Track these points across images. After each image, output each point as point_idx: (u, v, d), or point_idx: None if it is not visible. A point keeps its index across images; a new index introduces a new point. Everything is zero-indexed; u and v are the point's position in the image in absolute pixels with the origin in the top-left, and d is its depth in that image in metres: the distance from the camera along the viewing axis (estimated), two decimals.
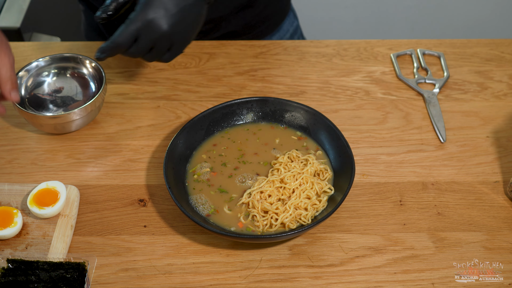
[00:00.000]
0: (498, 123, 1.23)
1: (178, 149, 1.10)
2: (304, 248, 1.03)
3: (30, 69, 1.22)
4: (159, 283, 0.99)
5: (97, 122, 1.23)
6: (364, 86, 1.29)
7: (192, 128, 1.13)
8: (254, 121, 1.18)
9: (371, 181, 1.13)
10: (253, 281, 0.99)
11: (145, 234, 1.05)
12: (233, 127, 1.17)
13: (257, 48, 1.37)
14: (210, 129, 1.15)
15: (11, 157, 1.17)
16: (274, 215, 1.03)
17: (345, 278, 1.00)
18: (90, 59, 1.23)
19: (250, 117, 1.17)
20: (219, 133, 1.16)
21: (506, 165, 1.15)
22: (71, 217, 1.05)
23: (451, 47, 1.38)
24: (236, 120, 1.17)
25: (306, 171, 1.07)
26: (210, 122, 1.15)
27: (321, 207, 1.05)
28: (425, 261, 1.02)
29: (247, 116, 1.17)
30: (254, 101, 1.16)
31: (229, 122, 1.17)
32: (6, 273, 0.96)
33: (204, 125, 1.14)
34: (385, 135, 1.21)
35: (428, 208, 1.09)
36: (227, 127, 1.17)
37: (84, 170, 1.15)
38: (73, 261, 0.96)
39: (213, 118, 1.15)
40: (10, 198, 1.08)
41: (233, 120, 1.17)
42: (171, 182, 1.04)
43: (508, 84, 1.31)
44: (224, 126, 1.17)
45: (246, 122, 1.18)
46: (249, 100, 1.16)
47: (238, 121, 1.17)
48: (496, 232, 1.06)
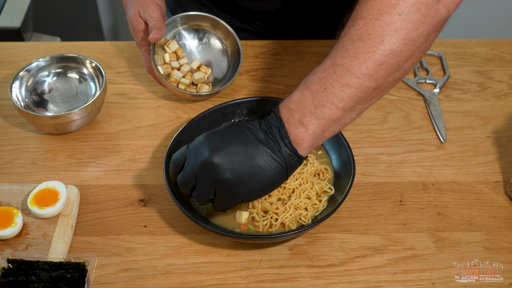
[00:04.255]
0: (498, 123, 1.23)
1: (178, 149, 1.10)
2: (304, 248, 1.03)
3: (30, 69, 1.22)
4: (160, 283, 0.99)
5: (97, 122, 1.23)
6: None
7: (192, 128, 1.13)
8: None
9: (371, 181, 1.13)
10: (253, 281, 0.99)
11: (145, 234, 1.05)
12: None
13: (257, 48, 1.37)
14: (210, 129, 1.15)
15: (11, 157, 1.17)
16: (274, 215, 1.03)
17: (345, 278, 1.00)
18: (90, 59, 1.23)
19: (250, 117, 1.17)
20: None
21: (506, 165, 1.15)
22: (72, 217, 1.05)
23: (452, 47, 1.38)
24: (236, 120, 1.17)
25: (306, 171, 1.07)
26: (210, 122, 1.15)
27: (321, 207, 1.05)
28: (425, 261, 1.02)
29: (247, 116, 1.17)
30: (254, 101, 1.16)
31: (229, 122, 1.17)
32: (7, 273, 0.96)
33: (204, 125, 1.14)
34: (385, 135, 1.20)
35: (429, 208, 1.09)
36: None
37: (84, 170, 1.15)
38: (73, 261, 0.96)
39: (213, 118, 1.15)
40: (10, 198, 1.08)
41: (233, 120, 1.17)
42: (171, 182, 1.04)
43: (508, 84, 1.31)
44: None
45: None
46: (249, 100, 1.16)
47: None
48: (496, 232, 1.06)
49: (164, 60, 1.23)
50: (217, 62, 1.28)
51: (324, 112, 0.90)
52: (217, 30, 1.27)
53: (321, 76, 0.91)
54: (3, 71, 1.32)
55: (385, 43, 0.87)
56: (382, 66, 0.88)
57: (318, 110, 0.90)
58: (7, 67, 1.33)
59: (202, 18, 1.26)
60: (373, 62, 0.88)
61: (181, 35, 1.27)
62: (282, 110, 0.93)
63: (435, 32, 0.90)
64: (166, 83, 1.19)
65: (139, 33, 1.20)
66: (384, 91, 0.92)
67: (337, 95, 0.89)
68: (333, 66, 0.90)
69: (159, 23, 1.17)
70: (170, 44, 1.23)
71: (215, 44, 1.28)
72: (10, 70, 1.32)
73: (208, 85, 1.24)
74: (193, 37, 1.28)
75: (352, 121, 0.94)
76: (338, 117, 0.91)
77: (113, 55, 1.36)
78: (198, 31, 1.28)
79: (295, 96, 0.92)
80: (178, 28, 1.26)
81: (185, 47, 1.27)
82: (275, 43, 1.38)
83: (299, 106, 0.91)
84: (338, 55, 0.90)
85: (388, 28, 0.87)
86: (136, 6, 1.19)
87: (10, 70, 1.32)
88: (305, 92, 0.92)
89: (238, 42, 1.25)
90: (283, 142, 0.92)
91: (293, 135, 0.92)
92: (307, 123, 0.91)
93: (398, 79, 0.92)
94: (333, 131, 0.93)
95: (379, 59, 0.87)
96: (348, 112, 0.91)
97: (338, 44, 0.91)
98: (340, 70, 0.89)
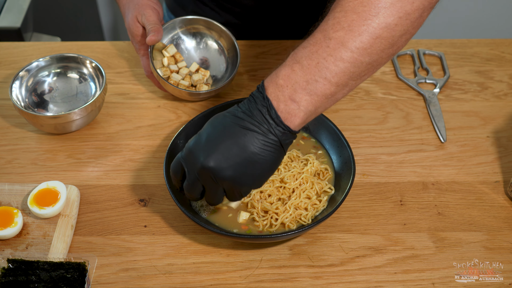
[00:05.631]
0: (498, 123, 1.23)
1: (178, 149, 1.10)
2: (304, 248, 1.03)
3: (30, 69, 1.22)
4: (160, 283, 0.99)
5: (97, 122, 1.23)
6: (365, 86, 1.29)
7: (192, 128, 1.12)
8: None
9: (372, 181, 1.13)
10: (253, 281, 0.99)
11: (145, 234, 1.05)
12: None
13: (257, 48, 1.37)
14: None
15: (11, 157, 1.17)
16: (274, 215, 1.03)
17: (345, 278, 1.00)
18: (90, 59, 1.23)
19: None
20: None
21: (506, 165, 1.15)
22: (72, 217, 1.05)
23: (452, 47, 1.38)
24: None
25: (306, 170, 1.07)
26: None
27: (321, 207, 1.05)
28: (425, 261, 1.02)
29: None
30: None
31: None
32: (7, 273, 0.96)
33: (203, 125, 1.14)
34: (385, 135, 1.20)
35: (429, 208, 1.09)
36: None
37: (84, 170, 1.15)
38: (73, 261, 0.96)
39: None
40: (10, 198, 1.08)
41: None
42: (171, 182, 1.04)
43: (508, 84, 1.31)
44: None
45: None
46: None
47: None
48: (497, 232, 1.06)
49: (162, 64, 1.24)
50: (216, 62, 1.28)
51: (317, 88, 0.87)
52: (212, 31, 1.28)
53: (312, 50, 0.87)
54: (3, 71, 1.32)
55: (380, 16, 0.85)
56: (377, 40, 0.86)
57: (310, 86, 0.86)
58: (7, 67, 1.33)
59: (196, 21, 1.27)
60: (368, 36, 0.85)
61: (178, 39, 1.27)
62: (268, 87, 0.88)
63: (429, 8, 0.88)
64: (166, 84, 1.19)
65: (137, 37, 1.21)
66: (376, 67, 0.89)
67: (331, 69, 0.86)
68: (325, 40, 0.86)
69: (157, 26, 1.18)
70: (168, 48, 1.24)
71: (212, 45, 1.29)
72: (10, 70, 1.32)
73: (207, 85, 1.24)
74: (190, 40, 1.28)
75: (343, 97, 0.90)
76: (331, 92, 0.87)
77: (113, 55, 1.36)
78: (195, 34, 1.28)
79: (284, 71, 0.88)
80: (175, 32, 1.27)
81: (183, 50, 1.28)
82: (275, 43, 1.38)
83: (289, 82, 0.87)
84: (330, 28, 0.86)
85: (383, 0, 0.84)
86: (134, 11, 1.20)
87: (10, 70, 1.32)
88: (295, 66, 0.87)
89: (234, 39, 1.25)
90: (274, 123, 0.88)
91: (284, 112, 0.87)
92: (299, 100, 0.87)
93: (391, 55, 0.90)
94: (325, 107, 0.90)
95: (374, 32, 0.85)
96: (341, 87, 0.88)
97: (329, 16, 0.88)
98: (334, 43, 0.85)
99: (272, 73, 0.90)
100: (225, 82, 1.22)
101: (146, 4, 1.20)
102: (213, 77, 1.27)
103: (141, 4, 1.20)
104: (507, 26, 2.41)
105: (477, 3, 2.36)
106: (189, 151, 0.91)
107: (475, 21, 2.39)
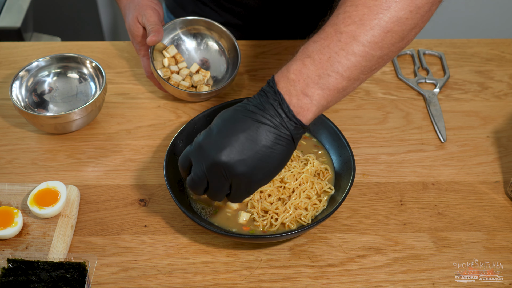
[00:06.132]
0: (498, 123, 1.23)
1: (178, 149, 1.10)
2: (304, 248, 1.03)
3: (30, 69, 1.22)
4: (160, 283, 0.99)
5: (98, 122, 1.23)
6: (365, 86, 1.29)
7: (192, 128, 1.12)
8: None
9: (372, 181, 1.13)
10: (253, 281, 0.99)
11: (145, 234, 1.05)
12: None
13: (257, 48, 1.37)
14: None
15: (11, 157, 1.17)
16: (274, 215, 1.03)
17: (345, 278, 1.00)
18: (90, 59, 1.23)
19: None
20: None
21: (506, 165, 1.15)
22: (72, 217, 1.05)
23: (452, 47, 1.38)
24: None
25: (306, 170, 1.07)
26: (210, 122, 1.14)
27: (321, 207, 1.05)
28: (425, 261, 1.02)
29: None
30: None
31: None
32: (7, 273, 0.96)
33: (204, 125, 1.14)
34: (385, 135, 1.20)
35: (429, 208, 1.09)
36: None
37: (84, 170, 1.15)
38: (73, 261, 0.96)
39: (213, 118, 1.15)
40: (10, 198, 1.08)
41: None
42: (171, 182, 1.04)
43: (508, 84, 1.31)
44: None
45: None
46: None
47: None
48: (497, 232, 1.06)
49: (163, 64, 1.24)
50: (216, 63, 1.28)
51: (329, 82, 0.87)
52: (212, 32, 1.28)
53: (323, 44, 0.87)
54: (3, 71, 1.32)
55: (392, 10, 0.85)
56: (388, 34, 0.86)
57: (322, 80, 0.87)
58: (7, 67, 1.33)
59: (197, 21, 1.27)
60: (379, 30, 0.85)
61: (179, 40, 1.27)
62: (280, 81, 0.89)
63: (438, 2, 0.89)
64: (166, 85, 1.19)
65: (137, 38, 1.21)
66: (386, 61, 0.90)
67: (343, 64, 0.86)
68: (336, 34, 0.86)
69: (157, 26, 1.18)
70: (169, 49, 1.24)
71: (212, 46, 1.29)
72: (10, 70, 1.32)
73: (208, 86, 1.24)
74: (191, 41, 1.28)
75: (353, 91, 0.90)
76: (343, 86, 0.88)
77: (113, 55, 1.36)
78: (196, 34, 1.28)
79: (295, 66, 0.88)
80: (176, 32, 1.27)
81: (183, 51, 1.28)
82: (275, 43, 1.38)
83: (301, 76, 0.87)
84: (341, 22, 0.86)
85: None
86: (134, 11, 1.20)
87: (10, 70, 1.32)
88: (307, 61, 0.88)
89: (234, 40, 1.25)
90: (286, 117, 0.87)
91: (296, 107, 0.87)
92: (311, 94, 0.87)
93: (401, 49, 0.90)
94: (336, 101, 0.90)
95: (386, 26, 0.85)
96: (352, 81, 0.88)
97: (340, 10, 0.88)
98: (345, 38, 0.86)
99: (282, 68, 0.90)
100: (226, 83, 1.22)
101: (146, 4, 1.20)
102: (214, 78, 1.27)
103: (142, 4, 1.20)
104: (507, 26, 2.41)
105: (477, 3, 2.36)
106: (199, 145, 0.90)
107: (475, 21, 2.39)
